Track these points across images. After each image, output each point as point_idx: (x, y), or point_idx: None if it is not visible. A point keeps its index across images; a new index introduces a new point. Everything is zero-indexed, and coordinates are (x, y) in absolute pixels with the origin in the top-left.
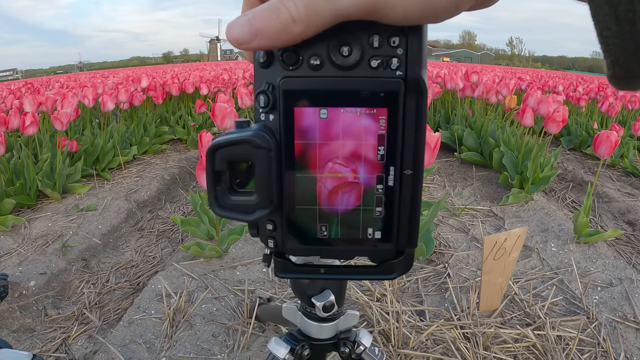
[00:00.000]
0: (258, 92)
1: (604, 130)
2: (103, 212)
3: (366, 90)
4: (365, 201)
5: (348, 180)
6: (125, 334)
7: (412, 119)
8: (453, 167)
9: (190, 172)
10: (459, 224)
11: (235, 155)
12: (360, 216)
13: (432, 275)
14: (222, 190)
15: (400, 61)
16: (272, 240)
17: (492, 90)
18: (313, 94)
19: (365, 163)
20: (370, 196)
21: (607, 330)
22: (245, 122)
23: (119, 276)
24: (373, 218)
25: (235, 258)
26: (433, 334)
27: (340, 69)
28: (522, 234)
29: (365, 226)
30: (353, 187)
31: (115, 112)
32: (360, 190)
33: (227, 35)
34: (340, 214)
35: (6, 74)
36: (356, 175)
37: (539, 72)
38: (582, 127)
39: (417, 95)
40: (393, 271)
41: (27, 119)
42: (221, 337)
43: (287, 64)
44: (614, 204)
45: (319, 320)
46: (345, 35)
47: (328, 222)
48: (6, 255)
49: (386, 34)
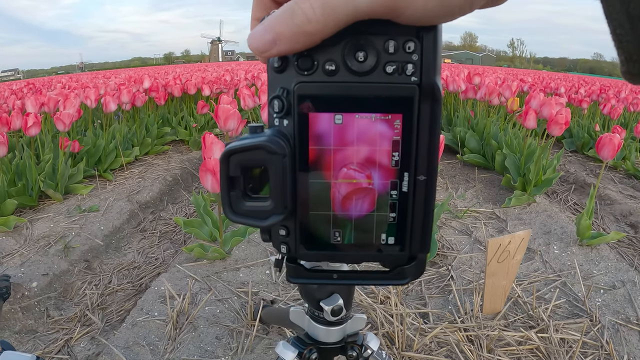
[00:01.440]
0: (272, 97)
1: (607, 133)
2: (105, 213)
3: (381, 96)
4: (379, 207)
5: (362, 186)
6: (128, 336)
7: (426, 124)
8: (455, 169)
9: (192, 173)
10: (462, 226)
11: (249, 161)
12: (374, 222)
13: (435, 278)
14: (236, 196)
15: (416, 67)
16: (284, 246)
17: (494, 92)
18: (328, 99)
19: (380, 169)
20: (384, 202)
21: (610, 333)
22: (259, 127)
23: (121, 277)
24: (386, 224)
25: (238, 260)
26: (437, 337)
27: (355, 74)
28: (526, 237)
29: (378, 232)
30: (367, 192)
31: (117, 112)
32: (374, 196)
33: (249, 46)
34: (354, 220)
35: (7, 74)
36: (370, 181)
37: (541, 74)
38: (584, 129)
39: (431, 101)
40: (405, 276)
41: (30, 120)
42: (225, 340)
43: (302, 69)
44: (616, 207)
45: (326, 324)
46: (360, 40)
47: (342, 227)
48: (8, 256)
49: (401, 39)
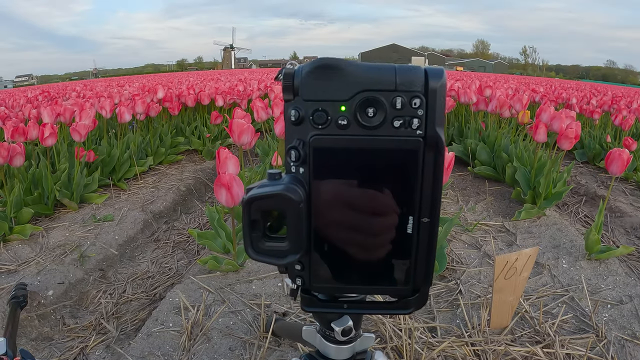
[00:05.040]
0: (289, 147)
1: (617, 148)
2: (120, 223)
3: (389, 148)
4: (387, 246)
5: (371, 228)
6: (143, 346)
7: (430, 172)
8: (466, 182)
9: (205, 183)
10: (472, 239)
11: (269, 207)
12: (382, 260)
13: (444, 292)
14: (257, 237)
15: (421, 121)
16: (300, 279)
17: (505, 105)
18: (340, 151)
19: (387, 212)
20: (391, 242)
21: (616, 349)
22: (277, 174)
23: (136, 287)
24: (393, 261)
25: (251, 272)
26: (444, 351)
27: (365, 128)
28: (533, 254)
29: (386, 268)
30: (375, 234)
31: (131, 122)
32: (382, 237)
33: None
34: (364, 258)
35: (22, 80)
36: (379, 224)
37: (553, 82)
38: (596, 140)
39: (435, 152)
40: (409, 307)
41: (46, 131)
42: (238, 351)
43: (317, 123)
44: (627, 219)
45: (337, 342)
46: (370, 97)
47: (352, 265)
48: (24, 264)
49: (408, 96)
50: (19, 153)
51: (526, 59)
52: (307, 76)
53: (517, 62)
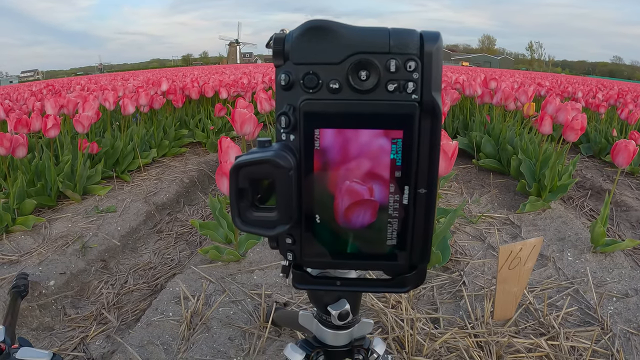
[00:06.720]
0: (279, 114)
1: (622, 139)
2: (122, 214)
3: (383, 113)
4: (381, 218)
5: (364, 198)
6: (143, 335)
7: (426, 140)
8: (471, 174)
9: (209, 175)
10: (476, 231)
11: (257, 174)
12: (376, 232)
13: (447, 283)
14: (245, 206)
15: (416, 85)
16: (291, 254)
17: (510, 97)
18: (332, 116)
19: (381, 182)
20: (385, 213)
21: (621, 342)
22: (267, 142)
23: (137, 278)
24: (388, 234)
25: (252, 262)
26: (447, 342)
27: (358, 92)
28: (538, 244)
29: (380, 242)
30: (369, 204)
31: (135, 115)
32: (376, 208)
33: None
34: (356, 230)
35: (27, 75)
36: (372, 194)
37: (559, 77)
38: (602, 134)
39: (431, 118)
40: (406, 284)
41: (49, 122)
42: (237, 341)
43: (308, 87)
44: (632, 213)
45: (334, 327)
46: (363, 60)
47: (345, 237)
48: (27, 254)
49: (403, 59)
50: (21, 144)
51: (532, 54)
52: (297, 39)
53: (523, 57)
